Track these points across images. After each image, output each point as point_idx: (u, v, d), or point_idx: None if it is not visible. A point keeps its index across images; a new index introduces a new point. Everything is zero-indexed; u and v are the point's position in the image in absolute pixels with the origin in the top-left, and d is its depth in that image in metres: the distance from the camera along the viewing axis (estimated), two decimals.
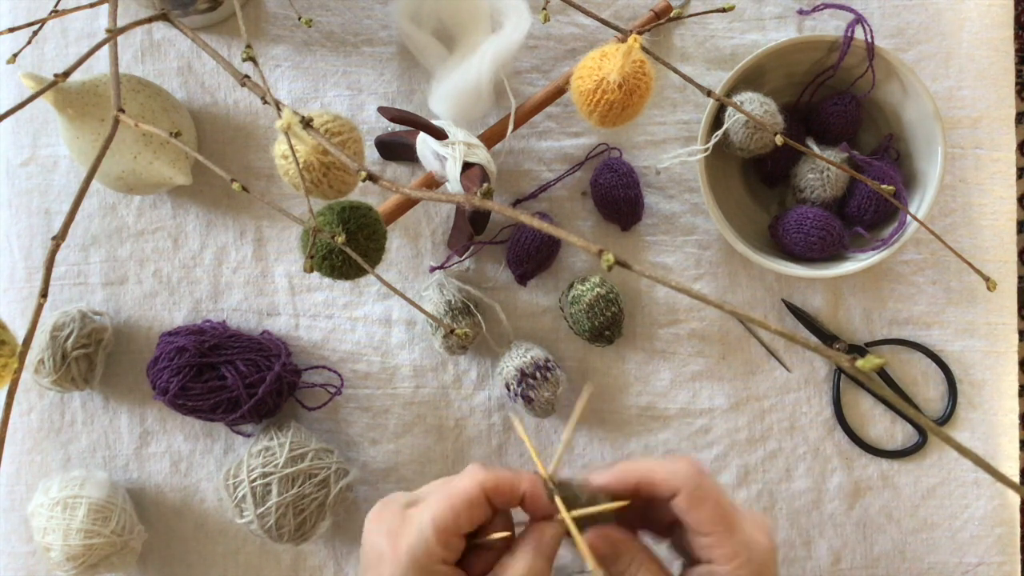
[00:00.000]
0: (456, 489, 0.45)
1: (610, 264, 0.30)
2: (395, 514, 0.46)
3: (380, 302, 0.66)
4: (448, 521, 0.44)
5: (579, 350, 0.66)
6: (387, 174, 0.66)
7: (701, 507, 0.46)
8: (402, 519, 0.45)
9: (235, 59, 0.65)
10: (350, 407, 0.65)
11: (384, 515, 0.47)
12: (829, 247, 0.62)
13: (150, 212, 0.65)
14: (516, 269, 0.64)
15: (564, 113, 0.66)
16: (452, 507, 0.44)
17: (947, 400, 0.67)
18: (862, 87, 0.64)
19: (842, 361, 0.29)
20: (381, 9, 0.66)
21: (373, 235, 0.41)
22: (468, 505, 0.44)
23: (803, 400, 0.67)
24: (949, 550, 0.66)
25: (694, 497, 0.46)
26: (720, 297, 0.66)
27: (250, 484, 0.58)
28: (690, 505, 0.46)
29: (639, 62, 0.48)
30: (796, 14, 0.67)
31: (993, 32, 0.67)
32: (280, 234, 0.66)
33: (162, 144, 0.58)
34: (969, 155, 0.67)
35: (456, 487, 0.45)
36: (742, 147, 0.62)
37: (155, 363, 0.60)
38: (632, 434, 0.66)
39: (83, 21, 0.65)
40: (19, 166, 0.65)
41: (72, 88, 0.55)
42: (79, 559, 0.57)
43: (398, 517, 0.46)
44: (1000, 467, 0.66)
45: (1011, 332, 0.67)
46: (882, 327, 0.67)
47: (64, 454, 0.65)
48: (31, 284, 0.65)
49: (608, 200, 0.64)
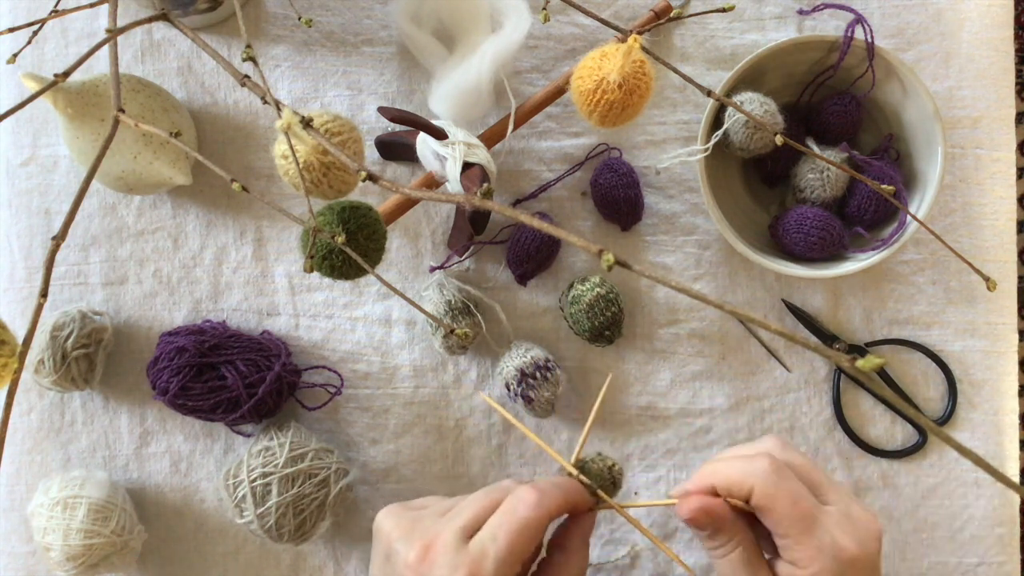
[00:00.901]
0: (519, 523, 0.44)
1: (610, 264, 0.30)
2: (429, 528, 0.46)
3: (380, 302, 0.66)
4: (514, 557, 0.44)
5: (579, 350, 0.66)
6: (387, 174, 0.66)
7: (774, 508, 0.45)
8: (448, 543, 0.44)
9: (235, 59, 0.65)
10: (350, 407, 0.65)
11: (419, 527, 0.46)
12: (829, 247, 0.62)
13: (150, 212, 0.65)
14: (516, 269, 0.64)
15: (564, 113, 0.66)
16: (516, 543, 0.44)
17: (947, 400, 0.67)
18: (862, 87, 0.64)
19: (842, 361, 0.29)
20: (381, 9, 0.66)
21: (373, 235, 0.41)
22: (531, 538, 0.44)
23: (803, 400, 0.67)
24: (949, 550, 0.66)
25: (767, 497, 0.45)
26: (720, 297, 0.66)
27: (250, 484, 0.58)
28: (762, 507, 0.46)
29: (639, 62, 0.48)
30: (796, 14, 0.67)
31: (993, 32, 0.67)
32: (280, 234, 0.66)
33: (162, 144, 0.58)
34: (969, 155, 0.67)
35: (519, 519, 0.44)
36: (742, 147, 0.62)
37: (155, 363, 0.60)
38: (632, 434, 0.66)
39: (83, 21, 0.65)
40: (19, 166, 0.65)
41: (72, 88, 0.55)
42: (79, 559, 0.57)
43: (431, 530, 0.45)
44: (1000, 467, 0.66)
45: (1011, 332, 0.67)
46: (882, 327, 0.67)
47: (64, 454, 0.65)
48: (31, 284, 0.65)
49: (608, 200, 0.64)
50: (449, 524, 0.46)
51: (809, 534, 0.45)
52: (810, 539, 0.45)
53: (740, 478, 0.46)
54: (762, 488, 0.45)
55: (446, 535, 0.45)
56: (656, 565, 0.65)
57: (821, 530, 0.45)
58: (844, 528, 0.46)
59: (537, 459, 0.66)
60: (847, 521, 0.46)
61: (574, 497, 0.47)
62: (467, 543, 0.44)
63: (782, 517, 0.45)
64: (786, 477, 0.46)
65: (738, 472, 0.47)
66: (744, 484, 0.46)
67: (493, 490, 0.48)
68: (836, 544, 0.45)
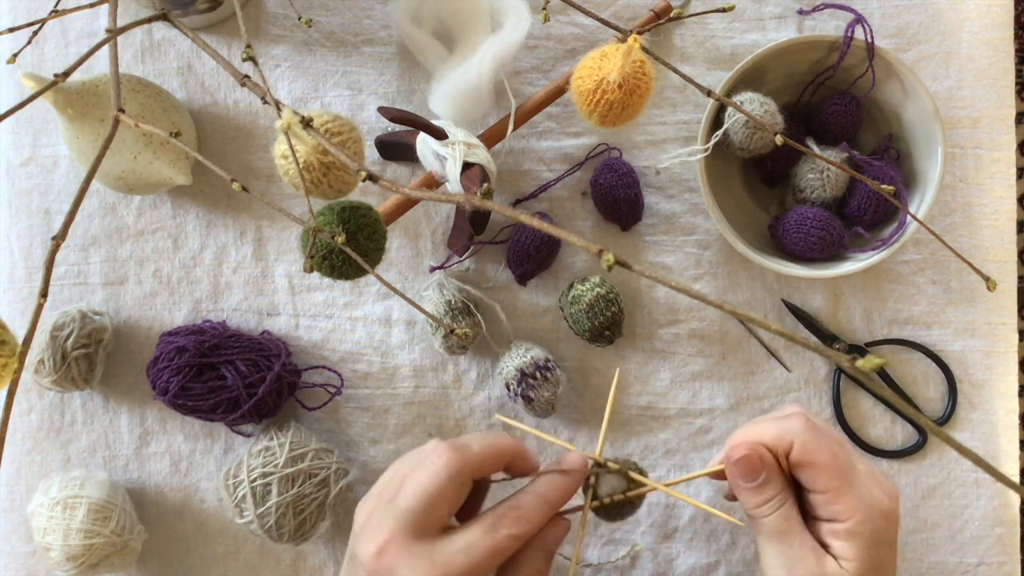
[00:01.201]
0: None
1: (610, 264, 0.30)
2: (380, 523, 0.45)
3: (380, 302, 0.66)
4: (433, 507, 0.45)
5: (579, 350, 0.66)
6: (387, 174, 0.66)
7: (814, 463, 0.45)
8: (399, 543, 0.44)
9: (235, 59, 0.65)
10: (350, 407, 0.65)
11: (371, 520, 0.46)
12: (829, 247, 0.62)
13: (150, 212, 0.65)
14: (516, 269, 0.64)
15: (564, 113, 0.66)
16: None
17: (947, 400, 0.67)
18: (862, 87, 0.64)
19: (842, 361, 0.29)
20: (381, 9, 0.66)
21: (373, 235, 0.41)
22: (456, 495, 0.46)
23: (803, 400, 0.66)
24: (949, 550, 0.66)
25: (805, 452, 0.45)
26: (720, 297, 0.67)
27: (250, 484, 0.58)
28: (802, 461, 0.45)
29: (639, 62, 0.48)
30: (796, 14, 0.67)
31: (993, 32, 0.67)
32: (280, 234, 0.66)
33: (162, 144, 0.58)
34: (969, 155, 0.67)
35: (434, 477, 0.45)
36: (742, 147, 0.62)
37: (155, 363, 0.60)
38: (632, 434, 0.66)
39: (83, 21, 0.65)
40: (19, 166, 0.65)
41: (72, 88, 0.55)
42: (79, 559, 0.57)
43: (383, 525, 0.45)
44: (1000, 467, 0.66)
45: (1011, 332, 0.67)
46: (882, 327, 0.67)
47: (64, 454, 0.65)
48: (31, 284, 0.65)
49: (608, 200, 0.64)
50: (398, 520, 0.44)
51: (849, 486, 0.45)
52: (850, 491, 0.45)
53: (778, 434, 0.46)
54: (802, 442, 0.46)
55: (398, 538, 0.44)
56: (656, 565, 0.65)
57: (859, 483, 0.46)
58: (875, 484, 0.47)
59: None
60: (875, 479, 0.47)
61: (502, 448, 0.47)
62: (427, 544, 0.44)
63: (823, 470, 0.45)
64: (823, 432, 0.47)
65: (775, 430, 0.47)
66: (783, 439, 0.46)
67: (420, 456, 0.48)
68: (873, 496, 0.46)
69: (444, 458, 0.45)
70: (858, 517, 0.45)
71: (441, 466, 0.45)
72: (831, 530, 0.46)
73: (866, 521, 0.45)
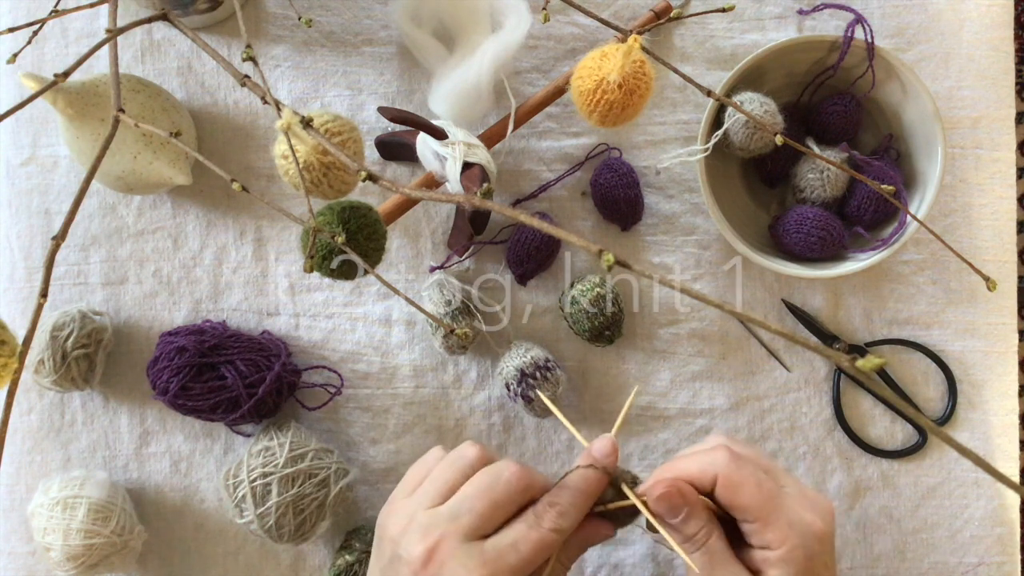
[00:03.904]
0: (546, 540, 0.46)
1: (610, 264, 0.30)
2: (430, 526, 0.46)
3: (380, 302, 0.66)
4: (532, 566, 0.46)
5: (579, 350, 0.66)
6: (387, 174, 0.66)
7: (738, 494, 0.45)
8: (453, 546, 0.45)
9: (235, 59, 0.65)
10: (350, 407, 0.65)
11: (415, 522, 0.47)
12: (829, 247, 0.62)
13: (150, 212, 0.65)
14: (516, 269, 0.64)
15: (564, 113, 0.66)
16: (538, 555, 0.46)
17: (947, 400, 0.67)
18: (862, 87, 0.64)
19: (842, 361, 0.29)
20: (381, 9, 0.66)
21: (373, 235, 0.41)
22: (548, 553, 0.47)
23: (803, 400, 0.66)
24: (949, 550, 0.66)
25: (730, 485, 0.45)
26: (720, 297, 0.67)
27: (250, 484, 0.58)
28: (727, 494, 0.45)
29: (639, 62, 0.48)
30: (796, 14, 0.67)
31: (993, 32, 0.67)
32: (280, 234, 0.66)
33: (162, 144, 0.58)
34: (969, 155, 0.67)
35: (544, 535, 0.46)
36: (742, 147, 0.62)
37: (155, 363, 0.60)
38: (632, 434, 0.66)
39: (83, 21, 0.65)
40: (19, 166, 0.65)
41: (72, 88, 0.55)
42: (79, 559, 0.57)
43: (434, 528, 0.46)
44: (1000, 467, 0.66)
45: (1011, 332, 0.67)
46: (882, 327, 0.67)
47: (64, 454, 0.65)
48: (31, 284, 0.65)
49: (608, 200, 0.64)
50: (452, 523, 0.46)
51: (777, 514, 0.45)
52: (779, 518, 0.45)
53: (702, 468, 0.47)
54: (726, 475, 0.46)
55: (450, 539, 0.45)
56: (656, 565, 0.65)
57: (788, 509, 0.46)
58: (806, 506, 0.46)
59: (537, 459, 0.66)
60: (806, 499, 0.47)
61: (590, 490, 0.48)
62: (476, 543, 0.45)
63: (750, 501, 0.45)
64: (746, 463, 0.47)
65: (698, 464, 0.47)
66: (707, 474, 0.46)
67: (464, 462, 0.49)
68: (804, 520, 0.45)
69: (515, 471, 0.47)
70: (789, 544, 0.45)
71: (515, 478, 0.46)
72: (763, 558, 0.46)
73: (798, 547, 0.45)
